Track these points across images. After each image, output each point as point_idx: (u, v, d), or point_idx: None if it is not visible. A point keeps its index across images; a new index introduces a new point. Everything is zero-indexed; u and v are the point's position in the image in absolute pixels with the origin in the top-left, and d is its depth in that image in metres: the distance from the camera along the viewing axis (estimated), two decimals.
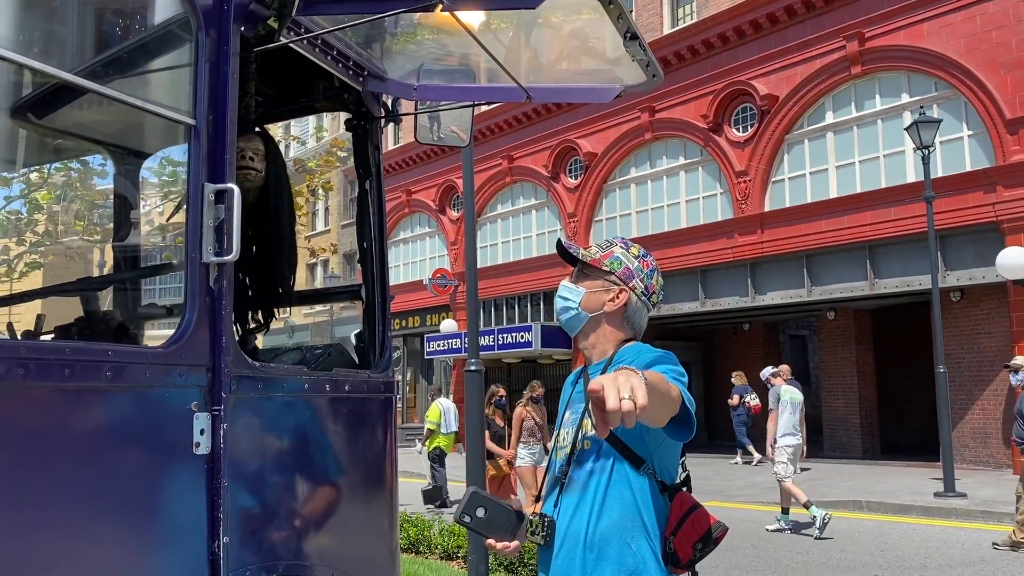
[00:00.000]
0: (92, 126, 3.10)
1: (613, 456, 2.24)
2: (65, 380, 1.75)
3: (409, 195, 28.94)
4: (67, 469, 1.78)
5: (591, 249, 2.45)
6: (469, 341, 7.42)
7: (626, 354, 2.36)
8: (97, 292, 2.75)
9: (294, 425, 2.41)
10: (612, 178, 22.55)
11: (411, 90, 2.96)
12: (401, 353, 30.01)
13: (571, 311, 2.42)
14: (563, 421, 2.45)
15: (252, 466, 2.23)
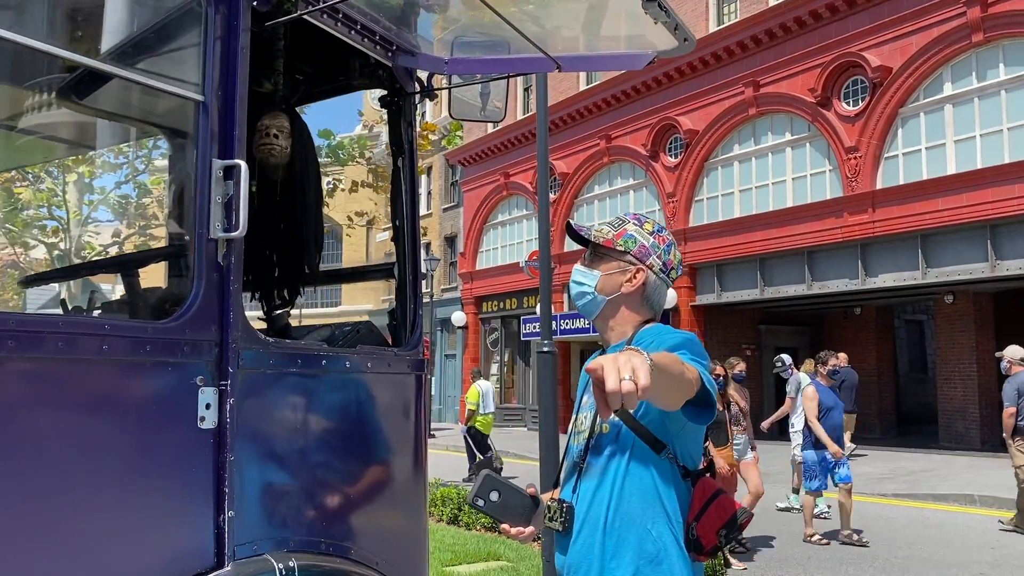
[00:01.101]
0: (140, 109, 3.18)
1: (632, 440, 2.17)
2: (58, 353, 1.78)
3: (507, 178, 29.00)
4: (64, 443, 1.81)
5: (603, 229, 2.36)
6: (542, 321, 7.35)
7: (645, 336, 2.28)
8: (136, 270, 2.81)
9: (308, 401, 2.41)
10: (714, 156, 21.95)
11: (442, 64, 2.90)
12: (499, 335, 30.21)
13: (587, 296, 2.34)
14: (581, 405, 2.38)
15: (261, 441, 2.24)
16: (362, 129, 24.11)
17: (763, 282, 20.56)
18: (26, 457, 1.75)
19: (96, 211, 11.10)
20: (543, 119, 8.34)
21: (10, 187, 10.06)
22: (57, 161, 10.33)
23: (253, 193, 2.80)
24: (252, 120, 2.76)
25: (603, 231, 2.35)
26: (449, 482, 12.55)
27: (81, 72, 2.72)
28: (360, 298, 36.75)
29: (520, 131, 28.14)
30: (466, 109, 3.10)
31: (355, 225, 11.90)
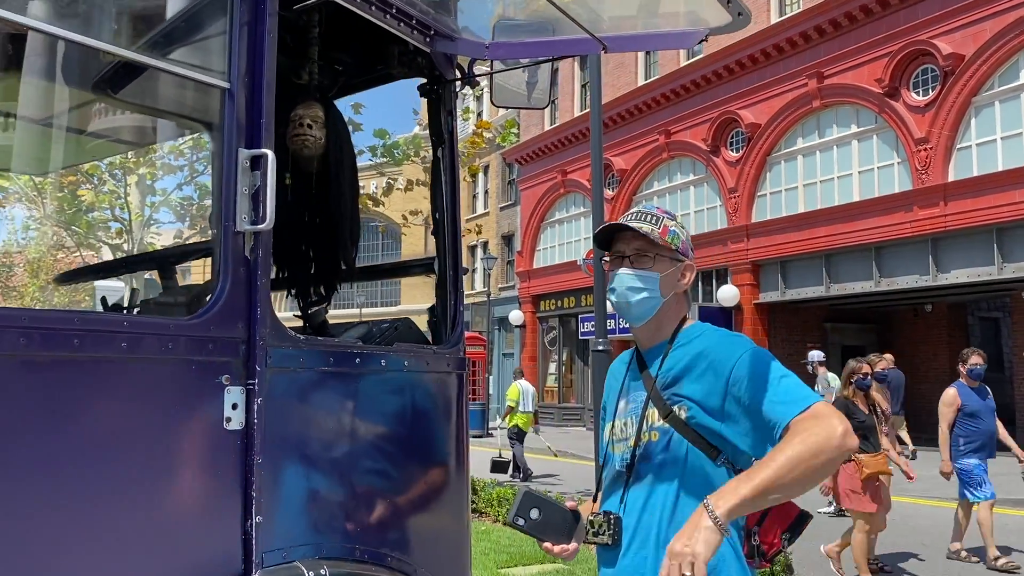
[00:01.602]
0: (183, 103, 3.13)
1: (686, 447, 2.05)
2: (74, 351, 1.71)
3: (564, 175, 28.80)
4: (82, 446, 1.74)
5: (642, 226, 2.18)
6: (597, 320, 7.19)
7: (691, 337, 2.16)
8: (166, 266, 2.76)
9: (341, 401, 2.30)
10: (777, 150, 21.42)
11: (483, 49, 2.77)
12: (557, 334, 30.04)
13: (651, 301, 2.17)
14: (617, 410, 2.25)
15: (290, 443, 2.14)
16: (419, 129, 24.25)
17: (829, 279, 19.99)
18: (41, 462, 1.67)
19: (158, 212, 11.34)
20: (597, 112, 8.18)
21: (74, 189, 10.33)
22: (118, 162, 10.55)
23: (287, 186, 2.72)
24: (286, 111, 2.68)
25: (643, 228, 2.18)
26: (505, 482, 12.45)
27: (113, 65, 2.67)
28: (419, 296, 36.97)
29: (577, 128, 27.92)
30: (509, 96, 2.97)
31: (411, 224, 11.89)
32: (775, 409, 1.91)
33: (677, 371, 2.09)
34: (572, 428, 27.69)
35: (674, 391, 2.08)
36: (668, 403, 2.08)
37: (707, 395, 2.02)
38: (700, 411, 2.03)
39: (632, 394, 2.21)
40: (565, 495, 10.95)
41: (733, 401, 1.99)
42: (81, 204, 10.74)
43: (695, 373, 2.06)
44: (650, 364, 2.18)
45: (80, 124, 3.39)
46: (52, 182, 10.56)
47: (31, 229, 17.79)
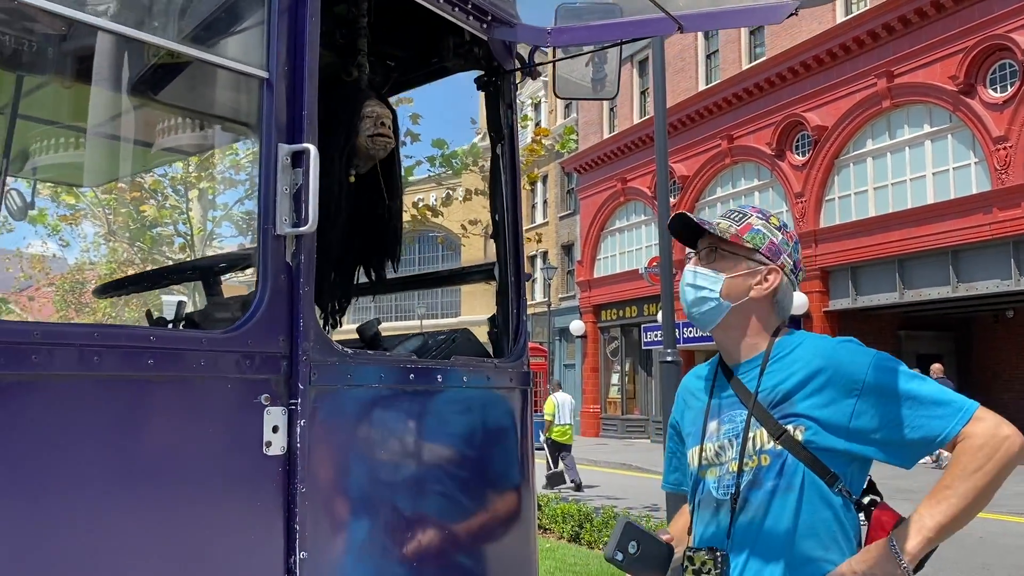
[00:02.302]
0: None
1: (802, 472, 1.83)
2: (94, 368, 1.52)
3: (624, 183, 28.43)
4: (105, 473, 1.55)
5: (722, 223, 2.00)
6: (664, 330, 6.89)
7: (791, 346, 1.92)
8: (218, 277, 2.59)
9: (393, 422, 2.09)
10: (845, 152, 20.74)
11: (545, 35, 2.54)
12: (619, 344, 29.60)
13: (709, 302, 1.97)
14: (707, 432, 1.99)
15: (338, 470, 1.94)
16: (477, 139, 24.24)
17: (902, 284, 19.23)
18: (58, 491, 1.49)
19: (220, 227, 11.41)
20: (661, 117, 7.90)
21: (137, 205, 10.44)
22: (179, 177, 10.64)
23: (351, 185, 2.52)
24: (337, 106, 2.50)
25: (723, 225, 1.99)
26: (569, 497, 12.17)
27: (150, 65, 2.52)
28: (480, 307, 36.92)
29: (636, 135, 27.54)
30: (573, 88, 2.74)
31: (470, 234, 11.76)
32: (927, 423, 1.73)
33: (787, 386, 1.87)
34: (636, 440, 27.23)
35: (786, 409, 1.86)
36: (780, 423, 1.85)
37: (829, 412, 1.81)
38: (821, 431, 1.81)
39: (726, 413, 1.97)
40: (631, 511, 10.61)
41: (864, 417, 1.78)
42: (145, 220, 10.86)
43: (811, 388, 1.83)
44: (745, 379, 1.95)
45: (128, 132, 3.27)
46: (116, 198, 10.70)
47: (101, 245, 18.19)
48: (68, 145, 3.63)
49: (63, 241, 15.67)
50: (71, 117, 3.46)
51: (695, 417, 2.07)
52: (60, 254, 21.67)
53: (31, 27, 2.43)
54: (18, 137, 3.23)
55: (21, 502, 1.45)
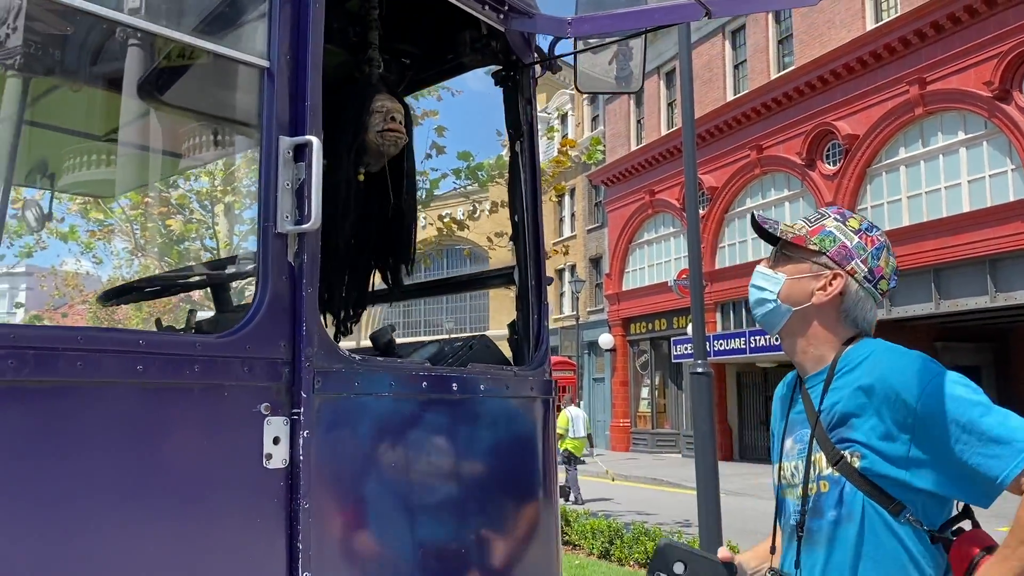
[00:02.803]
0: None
1: (862, 501, 1.69)
2: (77, 375, 1.41)
3: (652, 195, 28.21)
4: (89, 488, 1.44)
5: (796, 224, 1.89)
6: (695, 341, 6.70)
7: (856, 360, 1.76)
8: (228, 281, 2.49)
9: (405, 433, 1.96)
10: (877, 161, 20.39)
11: (565, 26, 2.41)
12: (648, 357, 29.30)
13: (768, 304, 1.87)
14: (784, 451, 1.88)
15: (344, 484, 1.81)
16: (505, 152, 24.23)
17: (938, 295, 18.81)
18: (32, 509, 1.38)
19: (246, 241, 11.38)
20: (689, 123, 7.74)
21: (164, 219, 10.48)
22: (205, 192, 10.66)
23: (360, 183, 2.41)
24: (347, 102, 2.39)
25: (795, 226, 1.89)
26: (599, 512, 11.96)
27: (164, 67, 2.43)
28: (509, 318, 36.74)
29: (664, 147, 27.35)
30: (595, 82, 2.60)
31: (496, 246, 11.63)
32: (985, 462, 1.57)
33: (844, 407, 1.72)
34: (667, 455, 26.88)
35: (843, 433, 1.72)
36: (837, 448, 1.72)
37: (885, 438, 1.66)
38: (877, 458, 1.66)
39: (797, 431, 1.86)
40: (662, 526, 10.40)
41: (922, 446, 1.63)
42: (172, 234, 10.89)
43: (868, 410, 1.68)
44: (812, 394, 1.82)
45: (140, 138, 3.19)
46: (143, 213, 10.73)
47: (133, 261, 18.29)
48: (81, 154, 3.57)
49: (96, 258, 15.75)
50: (82, 124, 3.39)
51: (777, 431, 1.97)
52: (93, 271, 21.87)
53: (31, 25, 2.35)
54: (29, 146, 3.16)
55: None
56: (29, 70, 2.83)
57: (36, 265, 25.66)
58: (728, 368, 25.23)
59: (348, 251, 2.65)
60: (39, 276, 25.52)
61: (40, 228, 4.02)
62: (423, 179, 11.42)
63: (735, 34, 25.34)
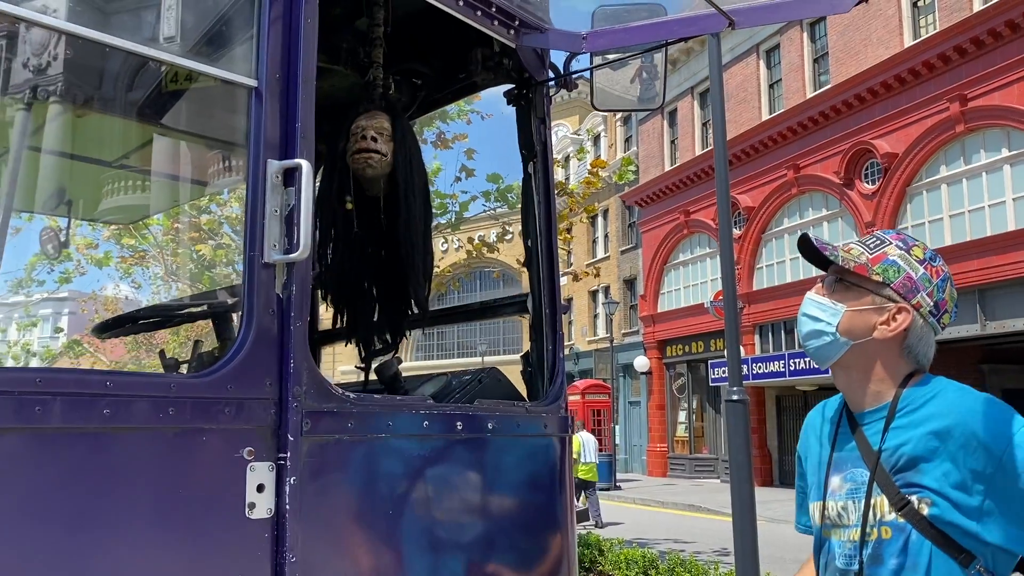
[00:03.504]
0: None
1: (930, 551, 1.57)
2: (35, 421, 1.29)
3: (687, 216, 27.92)
4: (51, 543, 1.31)
5: (853, 250, 1.74)
6: (730, 366, 6.46)
7: (922, 399, 1.63)
8: (229, 313, 2.38)
9: (403, 479, 1.82)
10: (917, 180, 19.96)
11: (580, 41, 2.29)
12: (685, 380, 28.88)
13: (825, 336, 1.71)
14: (829, 488, 1.73)
15: (335, 537, 1.67)
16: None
17: (984, 316, 18.28)
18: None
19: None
20: (721, 142, 7.55)
21: (194, 244, 10.50)
22: (235, 216, 10.68)
23: (348, 212, 2.30)
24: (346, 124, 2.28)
25: (853, 252, 1.73)
26: (633, 541, 11.67)
27: (154, 87, 2.34)
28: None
29: (699, 167, 27.10)
30: (613, 99, 2.47)
31: (524, 269, 11.50)
32: None
33: (913, 451, 1.59)
34: (705, 480, 26.39)
35: (910, 477, 1.59)
36: (903, 493, 1.59)
37: (959, 487, 1.53)
38: (949, 507, 1.53)
39: (849, 470, 1.70)
40: (698, 556, 10.11)
41: (996, 498, 1.50)
42: (203, 260, 10.92)
43: (941, 455, 1.56)
44: (868, 432, 1.68)
45: (148, 163, 3.13)
46: (173, 238, 10.79)
47: (172, 287, 18.45)
48: (104, 181, 3.52)
49: (135, 284, 15.91)
50: (95, 151, 3.34)
51: (817, 465, 1.81)
52: (133, 296, 22.12)
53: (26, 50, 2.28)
54: (31, 173, 3.10)
55: None
56: (38, 97, 2.78)
57: (77, 290, 26.05)
58: (767, 392, 24.76)
59: (366, 279, 2.52)
60: (80, 301, 25.91)
61: (56, 256, 3.98)
62: (452, 202, 11.35)
63: (769, 53, 25.10)
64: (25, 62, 2.12)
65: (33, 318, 24.76)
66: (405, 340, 2.73)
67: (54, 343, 24.97)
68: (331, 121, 2.38)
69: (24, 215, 3.78)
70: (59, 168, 3.37)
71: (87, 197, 3.73)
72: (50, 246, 4.03)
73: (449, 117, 11.45)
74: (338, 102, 2.61)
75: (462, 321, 3.06)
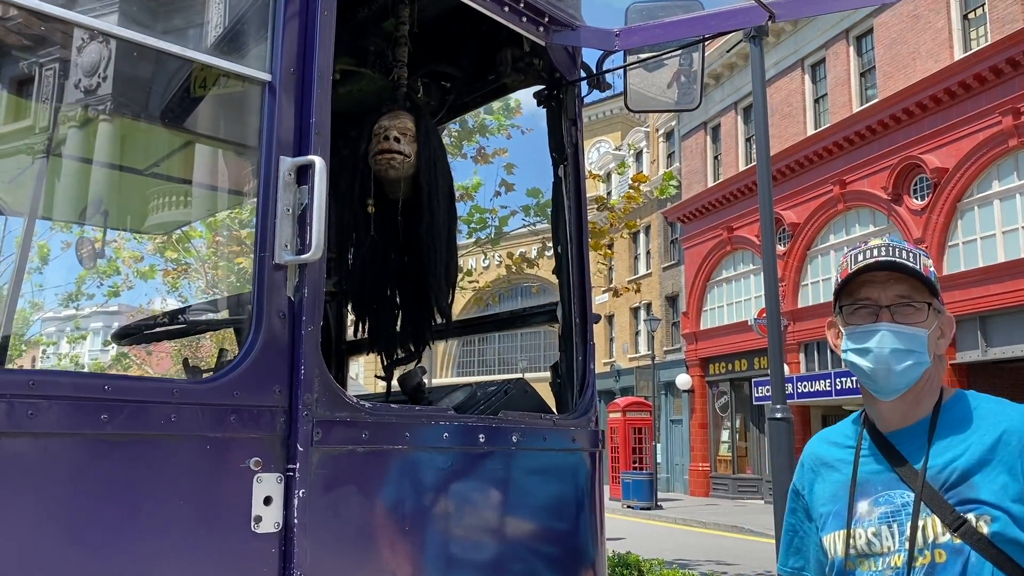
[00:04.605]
0: None
1: (991, 573, 1.48)
2: (26, 426, 1.23)
3: (730, 232, 27.57)
4: (44, 556, 1.25)
5: (904, 252, 1.64)
6: (774, 384, 6.30)
7: (962, 412, 1.56)
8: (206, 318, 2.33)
9: (421, 493, 1.72)
10: (968, 195, 19.45)
11: (613, 38, 2.19)
12: (728, 399, 28.42)
13: (919, 366, 1.58)
14: (858, 513, 1.60)
15: (346, 554, 1.58)
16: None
17: None
18: None
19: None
20: (764, 158, 7.41)
21: (234, 257, 10.59)
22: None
23: (369, 216, 2.22)
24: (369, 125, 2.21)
25: (910, 256, 1.62)
26: (674, 562, 11.43)
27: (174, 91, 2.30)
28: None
29: (743, 182, 26.77)
30: (647, 100, 2.37)
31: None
32: None
33: (965, 463, 1.49)
34: (748, 501, 25.88)
35: (965, 494, 1.48)
36: (958, 511, 1.48)
37: (1021, 500, 1.44)
38: (1008, 521, 1.43)
39: (881, 493, 1.59)
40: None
41: None
42: (244, 273, 11.00)
43: (996, 468, 1.46)
44: (906, 452, 1.57)
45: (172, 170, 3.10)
46: (215, 251, 10.89)
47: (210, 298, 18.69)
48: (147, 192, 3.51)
49: (182, 297, 16.15)
50: (129, 159, 3.33)
51: (835, 493, 1.67)
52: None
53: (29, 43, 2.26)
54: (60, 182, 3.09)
55: None
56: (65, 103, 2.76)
57: (126, 304, 26.59)
58: (812, 411, 24.23)
59: (389, 286, 2.45)
60: (129, 315, 26.40)
61: (92, 265, 3.99)
62: (492, 217, 11.30)
63: (815, 68, 24.75)
64: (45, 65, 2.09)
65: (83, 331, 25.19)
66: (445, 355, 2.65)
67: (104, 356, 25.40)
68: (357, 125, 2.32)
69: (75, 228, 3.77)
70: (90, 177, 3.37)
71: (122, 207, 3.73)
72: (85, 255, 4.03)
73: (489, 132, 11.43)
74: (365, 106, 2.55)
75: (491, 331, 2.97)
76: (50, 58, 2.44)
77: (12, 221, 4.01)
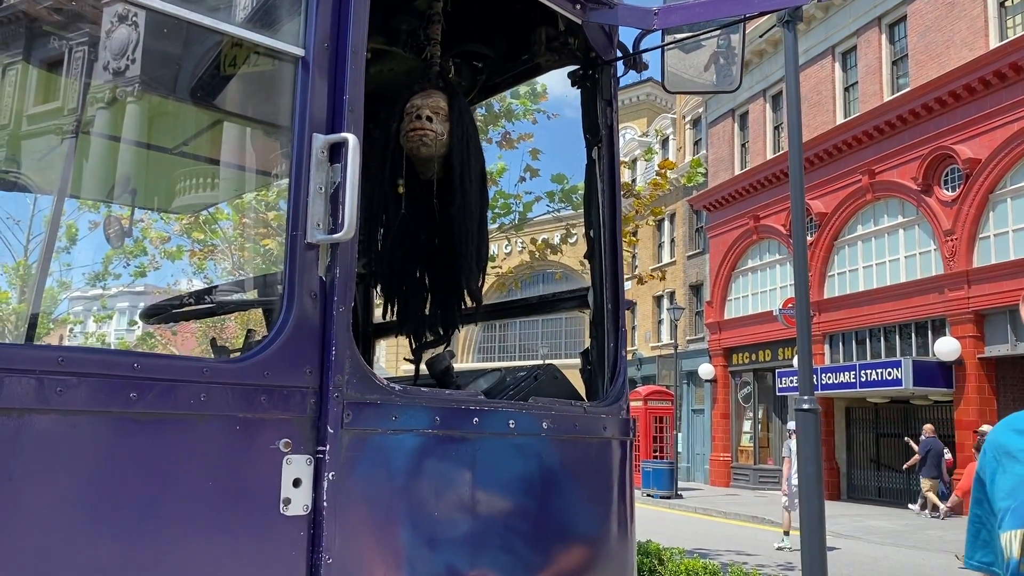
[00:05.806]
0: None
1: None
2: (54, 403, 1.21)
3: (757, 221, 27.31)
4: (77, 534, 1.23)
5: None
6: (801, 375, 6.21)
7: None
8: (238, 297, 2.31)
9: (449, 477, 1.70)
10: (1001, 187, 19.12)
11: (651, 16, 2.14)
12: (751, 389, 28.24)
13: None
14: None
15: (375, 537, 1.56)
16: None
17: None
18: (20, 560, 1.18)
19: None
20: (796, 146, 7.29)
21: (261, 239, 10.64)
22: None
23: (400, 195, 2.19)
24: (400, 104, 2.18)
25: None
26: (694, 550, 11.38)
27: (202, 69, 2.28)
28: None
29: (770, 171, 26.49)
30: (685, 82, 2.31)
31: (588, 270, 11.30)
32: None
33: None
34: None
35: None
36: None
37: None
38: None
39: None
40: (762, 569, 9.80)
41: None
42: (270, 255, 11.03)
43: None
44: None
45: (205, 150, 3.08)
46: (241, 233, 10.92)
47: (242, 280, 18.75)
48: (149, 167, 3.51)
49: (207, 279, 16.26)
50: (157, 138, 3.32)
51: (1014, 487, 1.51)
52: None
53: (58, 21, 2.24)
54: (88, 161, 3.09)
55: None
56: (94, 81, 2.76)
57: (153, 284, 26.83)
58: (836, 403, 24.03)
59: (418, 267, 2.42)
60: (156, 295, 26.61)
61: (120, 244, 4.00)
62: (516, 202, 11.24)
63: (845, 56, 24.38)
64: (75, 44, 2.08)
65: (110, 311, 25.42)
66: (466, 340, 2.62)
67: (129, 336, 25.67)
68: (388, 105, 2.29)
69: (103, 208, 3.76)
70: (119, 156, 3.37)
71: (150, 186, 3.73)
72: (112, 235, 4.04)
73: (515, 116, 11.35)
74: (395, 86, 2.52)
75: (520, 316, 2.94)
76: (80, 37, 2.43)
77: (41, 200, 4.03)
